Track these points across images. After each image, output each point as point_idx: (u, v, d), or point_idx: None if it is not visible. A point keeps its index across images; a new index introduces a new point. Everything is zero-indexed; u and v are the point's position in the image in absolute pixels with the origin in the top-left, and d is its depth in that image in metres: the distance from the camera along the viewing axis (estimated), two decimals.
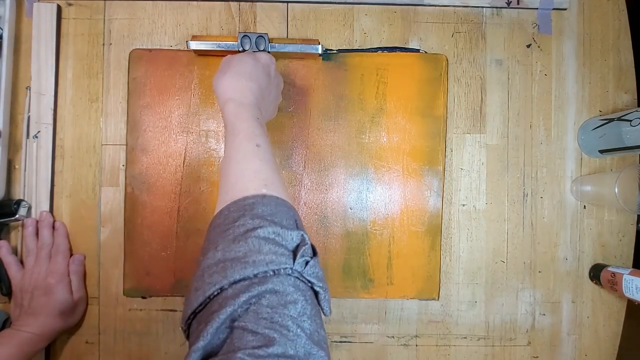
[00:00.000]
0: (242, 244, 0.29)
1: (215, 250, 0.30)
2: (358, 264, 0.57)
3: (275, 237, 0.30)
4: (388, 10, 0.58)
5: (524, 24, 0.59)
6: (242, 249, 0.29)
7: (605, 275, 0.54)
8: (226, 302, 0.26)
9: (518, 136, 0.58)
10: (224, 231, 0.31)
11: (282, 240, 0.30)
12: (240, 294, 0.27)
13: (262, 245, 0.29)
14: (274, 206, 0.33)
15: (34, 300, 0.50)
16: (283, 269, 0.28)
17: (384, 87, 0.57)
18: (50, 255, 0.54)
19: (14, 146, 0.56)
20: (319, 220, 0.57)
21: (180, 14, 0.58)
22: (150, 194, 0.56)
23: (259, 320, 0.26)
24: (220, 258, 0.29)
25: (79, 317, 0.55)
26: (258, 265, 0.28)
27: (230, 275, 0.28)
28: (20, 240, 0.55)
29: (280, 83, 0.52)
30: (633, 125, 0.50)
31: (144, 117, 0.56)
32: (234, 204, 0.33)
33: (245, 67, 0.44)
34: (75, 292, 0.54)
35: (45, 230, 0.54)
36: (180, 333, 0.56)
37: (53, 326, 0.50)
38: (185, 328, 0.30)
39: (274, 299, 0.27)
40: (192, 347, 0.25)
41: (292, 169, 0.57)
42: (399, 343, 0.58)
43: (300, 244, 0.30)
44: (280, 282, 0.28)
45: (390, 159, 0.57)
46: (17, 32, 0.56)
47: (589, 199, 0.57)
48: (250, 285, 0.27)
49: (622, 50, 0.59)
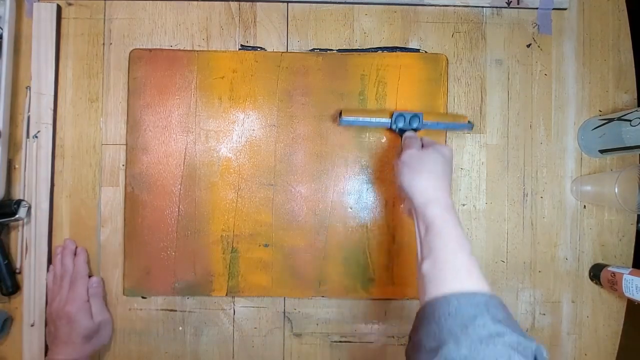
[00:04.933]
0: (492, 347, 0.30)
1: (458, 345, 0.31)
2: (358, 264, 0.57)
3: (518, 347, 0.31)
4: (388, 10, 0.58)
5: (524, 23, 0.59)
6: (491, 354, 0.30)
7: (605, 275, 0.54)
8: None
9: (518, 136, 0.58)
10: (462, 326, 0.32)
11: (524, 350, 0.31)
12: None
13: (512, 355, 0.30)
14: (502, 309, 0.34)
15: (58, 330, 0.51)
16: None
17: (384, 87, 0.57)
18: (70, 283, 0.54)
19: (14, 146, 0.56)
20: (319, 219, 0.57)
21: (180, 14, 0.58)
22: (150, 194, 0.56)
23: None
24: (468, 356, 0.30)
25: (106, 338, 0.55)
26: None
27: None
28: (21, 241, 0.55)
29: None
30: (633, 125, 0.50)
31: (144, 117, 0.56)
32: (463, 296, 0.34)
33: (439, 165, 0.45)
34: (97, 315, 0.53)
35: (68, 259, 0.55)
36: (179, 333, 0.56)
37: (83, 352, 0.51)
38: None
39: None
40: None
41: (292, 169, 0.57)
42: (399, 343, 0.58)
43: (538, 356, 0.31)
44: None
45: (390, 159, 0.57)
46: (17, 32, 0.56)
47: (589, 199, 0.57)
48: None
49: (622, 50, 0.59)
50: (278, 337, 0.57)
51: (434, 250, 0.39)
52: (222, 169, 0.56)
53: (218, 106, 0.57)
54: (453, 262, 0.38)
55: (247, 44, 0.58)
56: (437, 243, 0.39)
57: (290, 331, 0.57)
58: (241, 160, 0.57)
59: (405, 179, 0.45)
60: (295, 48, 0.58)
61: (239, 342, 0.57)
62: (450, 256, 0.38)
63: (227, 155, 0.57)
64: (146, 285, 0.56)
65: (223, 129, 0.57)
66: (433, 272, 0.38)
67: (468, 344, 0.31)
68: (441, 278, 0.37)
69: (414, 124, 0.53)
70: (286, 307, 0.57)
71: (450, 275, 0.37)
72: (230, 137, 0.57)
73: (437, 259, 0.38)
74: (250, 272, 0.56)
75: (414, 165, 0.46)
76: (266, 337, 0.57)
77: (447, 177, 0.46)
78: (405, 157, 0.47)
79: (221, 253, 0.56)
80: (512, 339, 0.31)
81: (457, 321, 0.33)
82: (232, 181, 0.56)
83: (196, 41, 0.58)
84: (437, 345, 0.32)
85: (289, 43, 0.58)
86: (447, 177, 0.46)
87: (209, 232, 0.56)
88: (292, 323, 0.57)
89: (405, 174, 0.45)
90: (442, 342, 0.32)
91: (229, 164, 0.57)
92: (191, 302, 0.57)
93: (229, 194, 0.56)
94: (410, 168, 0.46)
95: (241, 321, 0.57)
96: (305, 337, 0.57)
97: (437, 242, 0.39)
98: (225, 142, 0.57)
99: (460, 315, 0.33)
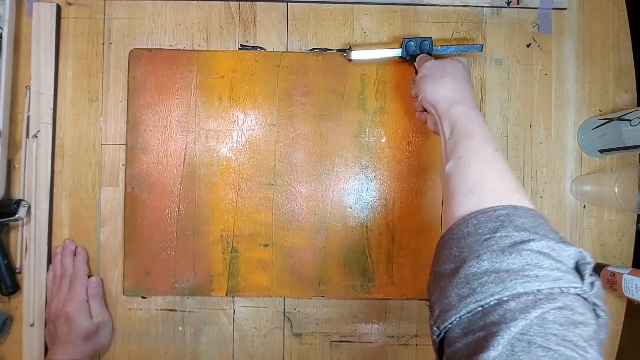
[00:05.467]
0: (516, 256, 0.28)
1: (478, 259, 0.29)
2: (358, 264, 0.57)
3: (551, 252, 0.28)
4: (388, 10, 0.58)
5: (524, 23, 0.59)
6: (517, 262, 0.28)
7: (605, 275, 0.54)
8: (513, 316, 0.25)
9: (518, 136, 0.58)
10: (483, 241, 0.30)
11: (559, 256, 0.28)
12: (530, 309, 0.25)
13: (542, 260, 0.28)
14: (532, 218, 0.31)
15: (58, 330, 0.51)
16: (573, 287, 0.27)
17: (384, 87, 0.57)
18: (69, 283, 0.54)
19: (14, 146, 0.56)
20: (319, 219, 0.57)
21: (180, 13, 0.57)
22: (150, 194, 0.56)
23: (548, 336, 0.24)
24: (490, 268, 0.28)
25: (106, 339, 0.55)
26: (543, 280, 0.27)
27: (512, 288, 0.27)
28: (21, 241, 0.55)
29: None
30: (633, 125, 0.50)
31: (144, 116, 0.56)
32: (482, 213, 0.32)
33: (460, 71, 0.46)
34: (96, 315, 0.53)
35: (67, 258, 0.55)
36: (179, 333, 0.56)
37: (82, 352, 0.51)
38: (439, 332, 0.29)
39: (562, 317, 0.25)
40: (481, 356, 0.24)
41: (292, 169, 0.57)
42: (399, 343, 0.58)
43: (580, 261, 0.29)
44: (570, 301, 0.26)
45: (390, 158, 0.57)
46: (17, 32, 0.56)
47: (589, 199, 0.57)
48: (538, 301, 0.26)
49: (622, 50, 0.59)
50: (278, 337, 0.57)
51: (459, 148, 0.37)
52: (222, 169, 0.56)
53: (218, 106, 0.57)
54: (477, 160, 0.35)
55: (247, 44, 0.58)
56: (461, 141, 0.38)
57: (290, 331, 0.57)
58: (241, 160, 0.57)
59: (428, 90, 0.45)
60: (296, 48, 0.58)
61: (239, 342, 0.57)
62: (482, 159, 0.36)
63: (227, 155, 0.57)
64: (146, 285, 0.56)
65: (223, 129, 0.57)
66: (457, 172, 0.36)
67: (489, 256, 0.29)
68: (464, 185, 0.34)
69: (426, 48, 0.53)
70: (286, 307, 0.57)
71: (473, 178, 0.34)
72: (230, 137, 0.57)
73: (461, 157, 0.36)
74: (251, 272, 0.56)
75: (435, 73, 0.45)
76: (266, 337, 0.57)
77: (469, 82, 0.46)
78: (425, 69, 0.47)
79: (221, 253, 0.56)
80: (542, 244, 0.28)
81: (477, 238, 0.30)
82: (232, 181, 0.56)
83: (196, 41, 0.57)
84: (458, 267, 0.30)
85: (289, 43, 0.58)
86: (468, 82, 0.45)
87: (209, 232, 0.56)
88: (292, 323, 0.57)
89: (428, 85, 0.45)
90: (462, 262, 0.30)
91: (229, 164, 0.57)
92: (191, 302, 0.57)
93: (229, 194, 0.56)
94: (432, 78, 0.45)
95: (241, 321, 0.57)
96: (305, 337, 0.57)
97: (462, 140, 0.38)
98: (225, 142, 0.57)
99: (481, 231, 0.31)
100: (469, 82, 0.46)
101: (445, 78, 0.44)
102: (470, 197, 0.34)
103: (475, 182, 0.35)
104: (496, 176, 0.35)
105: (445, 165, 0.38)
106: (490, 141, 0.37)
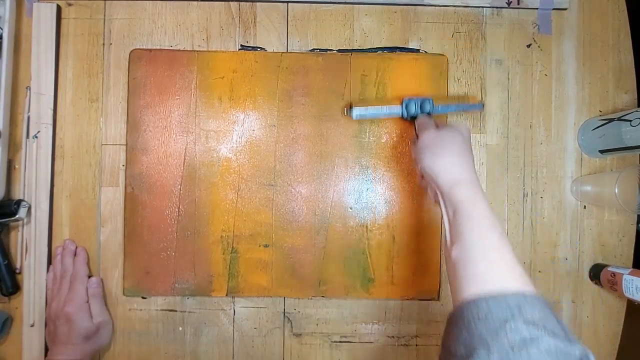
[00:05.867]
0: (524, 356, 0.28)
1: (488, 352, 0.29)
2: (358, 264, 0.57)
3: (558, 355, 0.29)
4: (388, 10, 0.58)
5: (524, 24, 0.59)
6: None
7: (605, 275, 0.54)
8: None
9: (518, 136, 0.58)
10: (493, 331, 0.30)
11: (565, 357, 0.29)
12: None
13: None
14: (539, 309, 0.32)
15: (57, 330, 0.51)
16: None
17: (384, 87, 0.57)
18: (69, 283, 0.54)
19: (14, 146, 0.56)
20: (319, 220, 0.57)
21: (180, 14, 0.58)
22: (150, 194, 0.56)
23: None
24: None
25: (106, 339, 0.55)
26: None
27: None
28: (21, 241, 0.55)
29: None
30: (633, 125, 0.50)
31: (144, 117, 0.56)
32: (493, 299, 0.33)
33: (459, 144, 0.44)
34: (96, 315, 0.53)
35: (67, 258, 0.55)
36: (179, 333, 0.57)
37: (82, 352, 0.51)
38: None
39: None
40: None
41: (292, 169, 0.57)
42: (399, 343, 0.58)
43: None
44: None
45: (390, 158, 0.57)
46: (17, 32, 0.56)
47: (589, 199, 0.57)
48: None
49: (622, 50, 0.59)
50: (278, 337, 0.57)
51: (464, 233, 0.38)
52: (222, 169, 0.56)
53: (218, 106, 0.57)
54: (483, 247, 0.36)
55: (247, 44, 0.58)
56: (466, 226, 0.38)
57: (290, 331, 0.57)
58: (241, 160, 0.57)
59: (426, 162, 0.44)
60: (295, 48, 0.58)
61: (239, 342, 0.57)
62: (480, 240, 0.37)
63: (227, 156, 0.57)
64: (146, 285, 0.56)
65: (223, 129, 0.57)
66: (464, 258, 0.36)
67: (498, 351, 0.29)
68: (472, 271, 0.35)
69: (426, 108, 0.53)
70: (286, 307, 0.57)
71: (481, 265, 0.35)
72: (230, 137, 0.57)
73: (467, 243, 0.37)
74: (250, 272, 0.56)
75: (434, 146, 0.45)
76: (266, 337, 0.57)
77: (469, 154, 0.45)
78: (423, 140, 0.46)
79: (221, 253, 0.56)
80: (549, 344, 0.29)
81: (488, 326, 0.31)
82: (232, 181, 0.56)
83: (196, 41, 0.58)
84: (468, 353, 0.31)
85: (289, 43, 0.58)
86: (469, 155, 0.44)
87: (209, 232, 0.56)
88: (292, 323, 0.57)
89: (427, 157, 0.44)
90: (472, 349, 0.30)
91: (229, 164, 0.57)
92: (191, 302, 0.57)
93: (229, 194, 0.56)
94: (430, 150, 0.44)
95: (241, 321, 0.57)
96: (305, 337, 0.57)
97: (467, 225, 0.38)
98: (225, 142, 0.57)
99: (491, 319, 0.31)
100: (469, 153, 0.45)
101: (446, 152, 0.44)
102: (478, 280, 0.35)
103: (483, 268, 0.36)
104: (503, 261, 0.36)
105: (450, 249, 0.38)
106: (495, 226, 0.38)
